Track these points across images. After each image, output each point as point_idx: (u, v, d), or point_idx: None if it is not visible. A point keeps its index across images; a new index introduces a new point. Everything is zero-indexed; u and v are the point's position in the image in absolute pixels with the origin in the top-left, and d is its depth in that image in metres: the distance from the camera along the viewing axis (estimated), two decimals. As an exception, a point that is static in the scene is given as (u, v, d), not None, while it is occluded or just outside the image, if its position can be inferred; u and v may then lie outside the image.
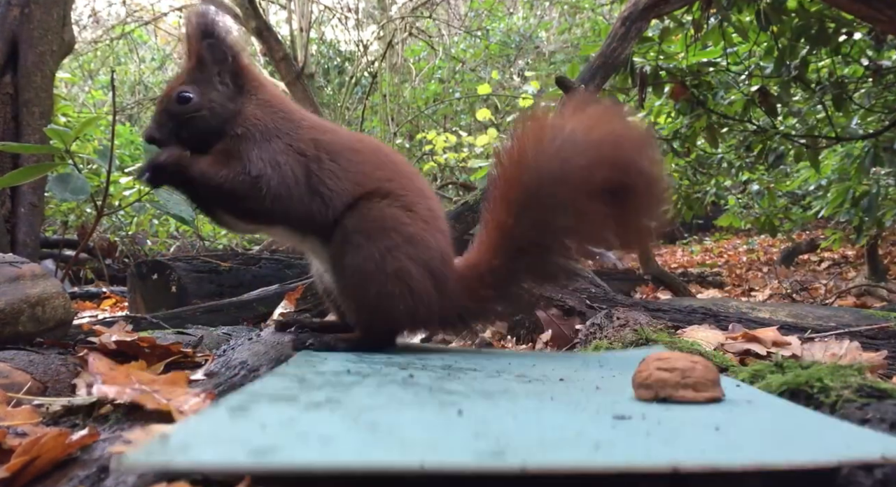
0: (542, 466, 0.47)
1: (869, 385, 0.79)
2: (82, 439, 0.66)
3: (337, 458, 0.49)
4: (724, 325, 1.87)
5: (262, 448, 0.50)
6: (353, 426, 0.59)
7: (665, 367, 0.81)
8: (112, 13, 10.50)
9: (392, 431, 0.58)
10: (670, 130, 4.66)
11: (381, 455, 0.51)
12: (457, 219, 3.07)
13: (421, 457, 0.49)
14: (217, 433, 0.55)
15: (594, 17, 10.45)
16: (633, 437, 0.58)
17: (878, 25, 3.08)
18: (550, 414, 0.69)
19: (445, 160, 8.96)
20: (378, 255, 1.26)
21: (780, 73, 3.75)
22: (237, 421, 0.59)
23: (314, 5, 9.06)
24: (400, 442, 0.54)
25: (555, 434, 0.58)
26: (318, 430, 0.57)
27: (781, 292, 5.17)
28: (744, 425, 0.66)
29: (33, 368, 1.20)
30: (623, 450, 0.52)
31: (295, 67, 6.05)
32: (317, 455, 0.49)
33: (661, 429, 0.62)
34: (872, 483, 0.47)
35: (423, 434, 0.58)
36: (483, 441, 0.54)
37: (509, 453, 0.50)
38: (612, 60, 3.40)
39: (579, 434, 0.58)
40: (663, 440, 0.57)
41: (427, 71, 11.26)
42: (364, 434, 0.57)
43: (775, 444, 0.57)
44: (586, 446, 0.53)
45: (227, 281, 3.39)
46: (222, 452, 0.49)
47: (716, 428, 0.62)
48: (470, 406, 0.70)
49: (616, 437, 0.58)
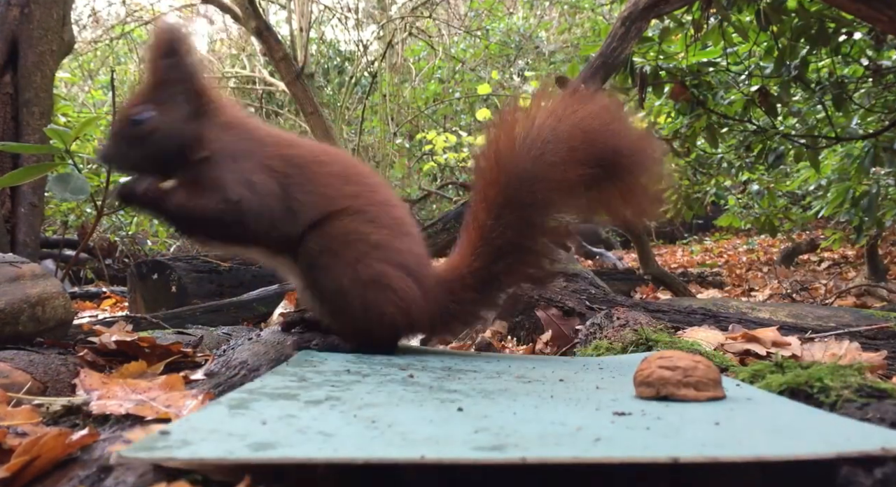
0: (541, 458, 0.47)
1: (869, 385, 0.79)
2: (82, 439, 0.66)
3: (337, 452, 0.49)
4: (724, 325, 1.87)
5: (261, 443, 0.50)
6: (353, 421, 0.60)
7: (667, 365, 0.81)
8: (112, 13, 10.51)
9: (392, 426, 0.58)
10: (670, 130, 4.66)
11: (381, 448, 0.51)
12: (457, 219, 3.07)
13: (421, 450, 0.49)
14: (217, 428, 0.55)
15: (594, 17, 10.45)
16: (633, 431, 0.58)
17: (878, 25, 3.07)
18: (550, 411, 0.69)
19: (445, 160, 8.96)
20: (349, 269, 1.24)
21: (780, 73, 3.75)
22: (237, 417, 0.59)
23: (314, 5, 9.06)
24: (400, 437, 0.54)
25: (555, 429, 0.58)
26: (318, 426, 0.57)
27: (781, 292, 5.17)
28: (744, 420, 0.66)
29: (33, 368, 1.20)
30: (622, 444, 0.52)
31: (295, 67, 6.05)
32: (317, 449, 0.50)
33: (661, 424, 0.62)
34: (872, 483, 0.47)
35: (424, 428, 0.58)
36: (483, 436, 0.54)
37: (509, 446, 0.50)
38: (612, 60, 3.40)
39: (579, 429, 0.58)
40: (663, 434, 0.57)
41: (427, 71, 11.27)
42: (364, 429, 0.57)
43: (775, 438, 0.57)
44: (586, 440, 0.53)
45: (227, 281, 3.39)
46: (222, 446, 0.49)
47: (716, 423, 0.62)
48: (470, 404, 0.70)
49: (616, 432, 0.58)
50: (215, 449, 0.49)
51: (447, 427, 0.59)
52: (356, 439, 0.54)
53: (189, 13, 10.28)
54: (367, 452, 0.49)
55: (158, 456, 0.47)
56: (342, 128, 10.03)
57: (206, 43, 12.68)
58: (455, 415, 0.65)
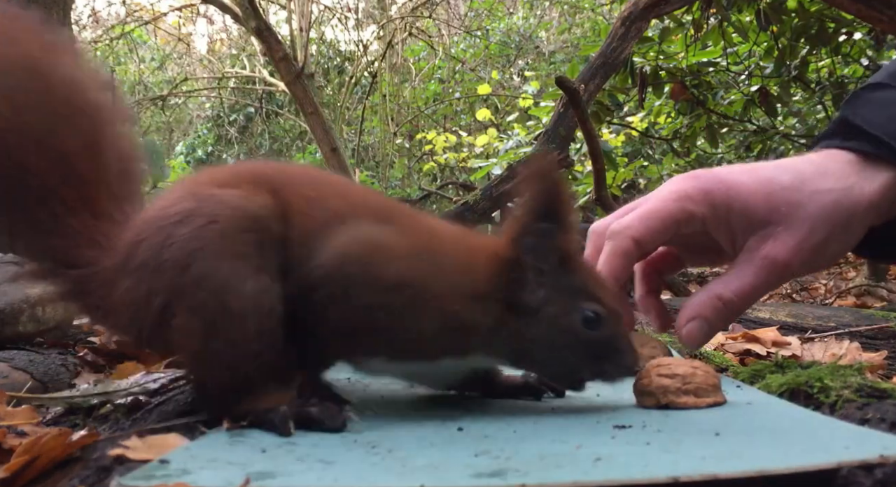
0: (541, 484, 0.47)
1: (869, 385, 0.79)
2: (82, 439, 0.66)
3: (336, 481, 0.50)
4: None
5: (261, 473, 0.50)
6: (354, 446, 0.60)
7: (666, 373, 0.80)
8: (112, 13, 10.51)
9: (392, 451, 0.58)
10: (670, 130, 4.66)
11: (381, 477, 0.51)
12: (457, 219, 3.07)
13: (420, 479, 0.49)
14: (216, 457, 0.55)
15: (594, 17, 10.45)
16: (633, 447, 0.59)
17: (878, 25, 3.07)
18: (550, 426, 0.69)
19: (445, 160, 8.96)
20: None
21: (780, 73, 3.75)
22: (236, 446, 0.60)
23: (314, 5, 9.06)
24: (400, 463, 0.54)
25: (554, 449, 0.58)
26: (318, 453, 0.57)
27: (781, 292, 5.17)
28: (743, 429, 0.66)
29: (33, 368, 1.20)
30: (622, 463, 0.52)
31: (295, 67, 6.05)
32: (316, 479, 0.50)
33: (661, 437, 0.62)
34: (873, 483, 0.48)
35: (424, 453, 0.58)
36: (483, 460, 0.54)
37: (509, 472, 0.51)
38: (612, 60, 3.40)
39: (579, 447, 0.58)
40: (663, 448, 0.57)
41: (427, 71, 11.26)
42: (364, 454, 0.57)
43: (775, 448, 0.57)
44: (586, 460, 0.53)
45: (227, 281, 3.38)
46: (220, 475, 0.50)
47: (716, 434, 0.62)
48: (470, 422, 0.70)
49: (616, 449, 0.58)
50: (214, 478, 0.49)
51: (448, 450, 0.60)
52: (356, 466, 0.54)
53: (189, 13, 10.28)
54: (366, 482, 0.50)
55: (154, 485, 0.48)
56: (342, 128, 10.03)
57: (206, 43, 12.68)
58: (456, 436, 0.65)
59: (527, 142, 5.97)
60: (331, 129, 6.23)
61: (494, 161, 6.05)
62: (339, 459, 0.56)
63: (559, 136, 3.34)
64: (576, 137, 4.07)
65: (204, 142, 12.18)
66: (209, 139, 12.19)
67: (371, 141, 11.04)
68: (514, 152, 5.84)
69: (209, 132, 12.28)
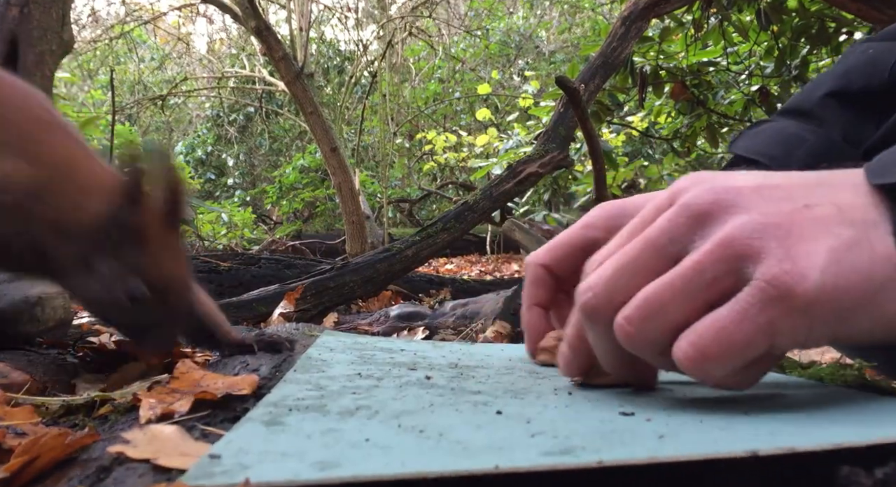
0: (617, 460, 0.46)
1: (869, 385, 0.79)
2: (82, 439, 0.65)
3: (406, 467, 0.47)
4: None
5: (323, 462, 0.48)
6: (401, 432, 0.57)
7: None
8: (111, 13, 10.51)
9: (443, 435, 0.55)
10: (670, 130, 4.66)
11: (449, 460, 0.49)
12: (457, 219, 3.07)
13: (490, 460, 0.47)
14: (266, 448, 0.52)
15: (594, 16, 10.46)
16: (689, 425, 0.57)
17: (879, 25, 3.07)
18: (587, 410, 0.67)
19: (445, 160, 8.97)
20: None
21: (780, 72, 3.75)
22: (278, 435, 0.56)
23: (314, 5, 9.06)
24: (460, 446, 0.52)
25: (607, 428, 0.56)
26: (369, 439, 0.55)
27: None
28: (804, 406, 0.64)
29: (32, 368, 1.20)
30: (688, 439, 0.51)
31: (295, 67, 6.05)
32: (384, 465, 0.48)
33: (688, 419, 0.60)
34: (873, 483, 0.47)
35: (476, 436, 0.56)
36: (543, 440, 0.52)
37: (577, 449, 0.48)
38: (612, 60, 3.40)
39: (632, 427, 0.57)
40: (719, 427, 0.55)
41: (427, 71, 11.28)
42: (417, 440, 0.54)
43: (844, 424, 0.56)
44: (650, 438, 0.52)
45: (226, 281, 3.39)
46: (285, 467, 0.47)
47: (772, 410, 0.60)
48: (504, 406, 0.68)
49: (671, 428, 0.56)
50: (279, 472, 0.46)
51: (499, 432, 0.57)
52: (415, 451, 0.52)
53: (188, 13, 10.28)
54: (435, 465, 0.47)
55: (220, 483, 0.45)
56: (342, 127, 10.03)
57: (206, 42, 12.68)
58: (498, 420, 0.62)
59: (527, 141, 5.98)
60: (330, 129, 6.23)
61: (494, 161, 6.06)
62: (394, 444, 0.54)
63: (559, 136, 3.34)
64: (576, 137, 4.07)
65: (203, 141, 12.19)
66: (209, 139, 12.20)
67: (371, 140, 11.05)
68: (514, 152, 5.85)
69: (209, 132, 12.29)
